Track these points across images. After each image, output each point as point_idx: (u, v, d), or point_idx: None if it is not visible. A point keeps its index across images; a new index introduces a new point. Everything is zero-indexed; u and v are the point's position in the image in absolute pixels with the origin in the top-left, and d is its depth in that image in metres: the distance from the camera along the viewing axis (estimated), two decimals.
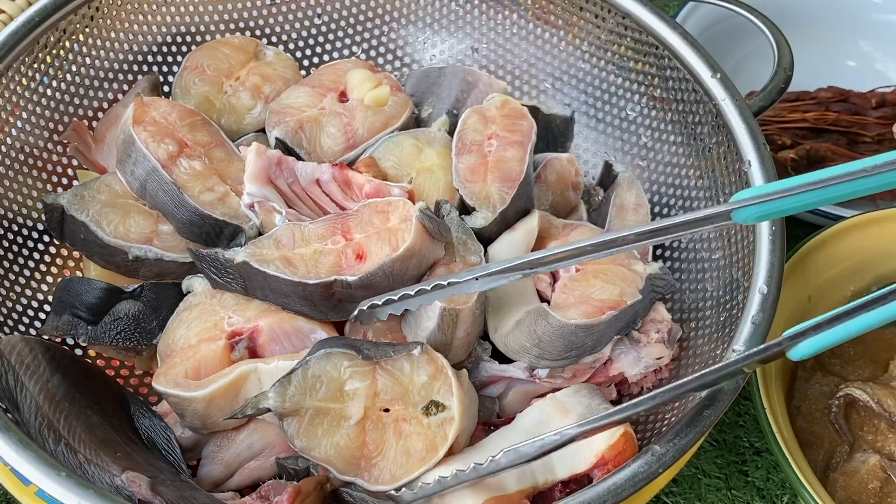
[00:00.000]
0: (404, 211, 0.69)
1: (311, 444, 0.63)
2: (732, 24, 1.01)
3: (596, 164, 0.91)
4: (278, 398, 0.63)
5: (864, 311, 0.57)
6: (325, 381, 0.64)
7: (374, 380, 0.64)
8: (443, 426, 0.63)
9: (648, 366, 0.72)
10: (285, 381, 0.63)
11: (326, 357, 0.64)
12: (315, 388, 0.63)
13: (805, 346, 0.57)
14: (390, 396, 0.64)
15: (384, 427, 0.64)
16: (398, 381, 0.65)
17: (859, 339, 0.84)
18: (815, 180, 0.58)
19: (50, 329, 0.74)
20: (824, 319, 0.57)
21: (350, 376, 0.64)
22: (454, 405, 0.64)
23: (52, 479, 0.56)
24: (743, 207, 0.59)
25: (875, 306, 0.57)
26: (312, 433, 0.63)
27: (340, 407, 0.64)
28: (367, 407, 0.64)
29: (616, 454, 0.63)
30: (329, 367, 0.64)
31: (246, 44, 0.88)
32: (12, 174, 0.79)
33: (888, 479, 0.74)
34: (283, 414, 0.63)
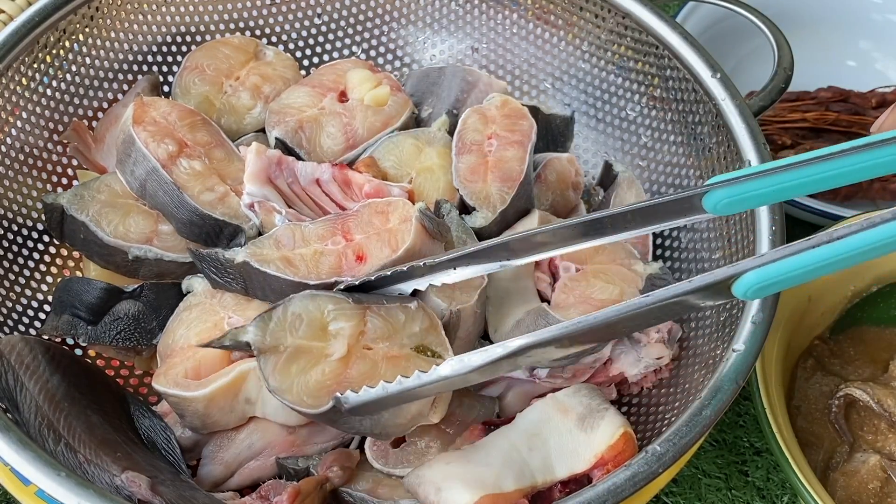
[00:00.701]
0: (404, 211, 0.69)
1: (284, 384, 0.61)
2: (732, 24, 1.01)
3: (596, 164, 0.91)
4: (258, 332, 0.61)
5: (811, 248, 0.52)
6: (307, 320, 0.62)
7: (362, 321, 0.63)
8: None
9: (648, 366, 0.72)
10: (266, 317, 0.61)
11: (311, 298, 0.63)
12: (295, 325, 0.62)
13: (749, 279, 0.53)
14: (377, 336, 0.63)
15: (374, 362, 0.63)
16: (389, 324, 0.64)
17: (859, 339, 0.84)
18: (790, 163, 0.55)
19: (50, 329, 0.74)
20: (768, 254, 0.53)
21: (334, 318, 0.63)
22: (449, 356, 0.63)
23: (52, 479, 0.56)
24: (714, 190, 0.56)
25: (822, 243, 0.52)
26: (286, 371, 0.61)
27: (322, 345, 0.62)
28: (351, 345, 0.63)
29: (616, 454, 0.63)
30: (312, 307, 0.63)
31: (246, 44, 0.88)
32: (12, 174, 0.79)
33: (888, 479, 0.74)
34: (263, 350, 0.61)
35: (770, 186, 0.56)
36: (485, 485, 0.61)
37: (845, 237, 0.52)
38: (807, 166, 0.55)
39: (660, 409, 0.72)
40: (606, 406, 0.67)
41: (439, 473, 0.62)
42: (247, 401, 0.68)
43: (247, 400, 0.68)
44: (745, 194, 0.56)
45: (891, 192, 1.00)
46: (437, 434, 0.69)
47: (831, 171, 0.55)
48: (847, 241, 0.52)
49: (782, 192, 0.57)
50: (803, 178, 0.56)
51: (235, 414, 0.68)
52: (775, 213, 0.69)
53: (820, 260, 0.52)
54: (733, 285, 0.53)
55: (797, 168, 0.55)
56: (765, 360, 0.74)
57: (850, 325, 0.84)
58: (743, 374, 0.62)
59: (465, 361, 0.56)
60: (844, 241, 0.52)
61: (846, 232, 0.52)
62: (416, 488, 0.63)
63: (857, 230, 0.52)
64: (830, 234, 0.52)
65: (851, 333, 0.84)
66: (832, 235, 0.52)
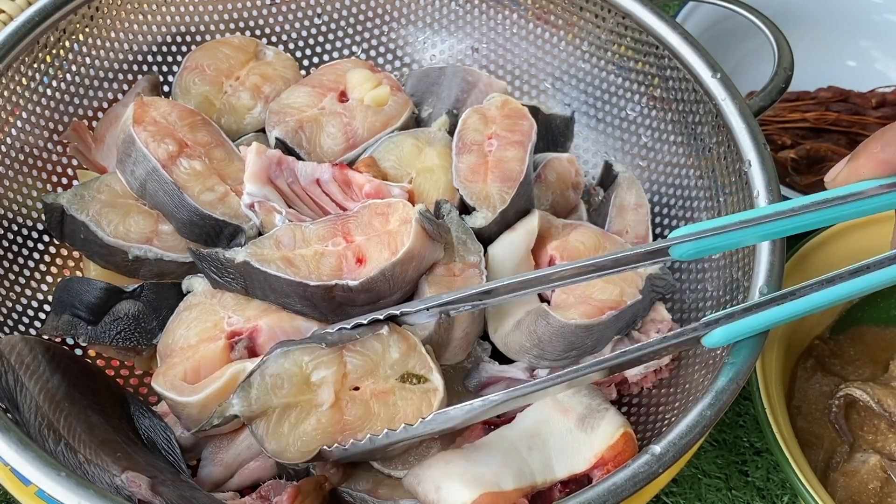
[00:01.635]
0: (404, 213, 0.69)
1: (280, 444, 0.62)
2: (732, 24, 1.01)
3: (596, 164, 0.91)
4: (243, 403, 0.61)
5: (776, 304, 0.60)
6: (287, 378, 0.62)
7: (342, 363, 0.63)
8: (427, 395, 0.63)
9: (648, 366, 0.72)
10: (246, 385, 0.62)
11: (284, 355, 0.63)
12: (278, 385, 0.62)
13: (719, 333, 0.60)
14: (360, 374, 0.63)
15: (364, 402, 0.63)
16: (368, 359, 0.64)
17: (859, 339, 0.84)
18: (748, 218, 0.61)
19: (50, 329, 0.74)
20: (738, 309, 0.60)
21: (314, 368, 0.63)
22: (436, 378, 0.63)
23: (52, 479, 0.56)
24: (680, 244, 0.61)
25: (787, 300, 0.60)
26: (278, 431, 0.62)
27: (310, 397, 0.62)
28: (338, 391, 0.63)
29: (616, 454, 0.63)
30: (287, 364, 0.62)
31: (246, 44, 0.88)
32: (12, 174, 0.79)
33: (888, 479, 0.74)
34: (251, 417, 0.62)
35: (731, 240, 0.61)
36: (484, 483, 0.61)
37: (805, 296, 0.60)
38: (765, 223, 0.61)
39: (660, 409, 0.72)
40: (606, 406, 0.67)
41: (439, 472, 0.62)
42: None
43: None
44: (707, 247, 0.62)
45: None
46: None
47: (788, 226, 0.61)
48: (805, 300, 0.60)
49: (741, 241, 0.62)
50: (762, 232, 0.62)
51: None
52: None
53: (781, 316, 0.60)
54: (703, 339, 0.60)
55: (756, 225, 0.61)
56: (765, 360, 0.74)
57: (850, 324, 0.84)
58: (743, 374, 0.62)
59: (449, 415, 0.60)
60: (802, 301, 0.60)
61: (806, 291, 0.60)
62: (416, 487, 0.63)
63: (817, 288, 0.59)
64: (793, 292, 0.60)
65: (851, 333, 0.84)
66: (794, 294, 0.60)
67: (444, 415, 0.60)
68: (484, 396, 0.59)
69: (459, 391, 0.72)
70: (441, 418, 0.60)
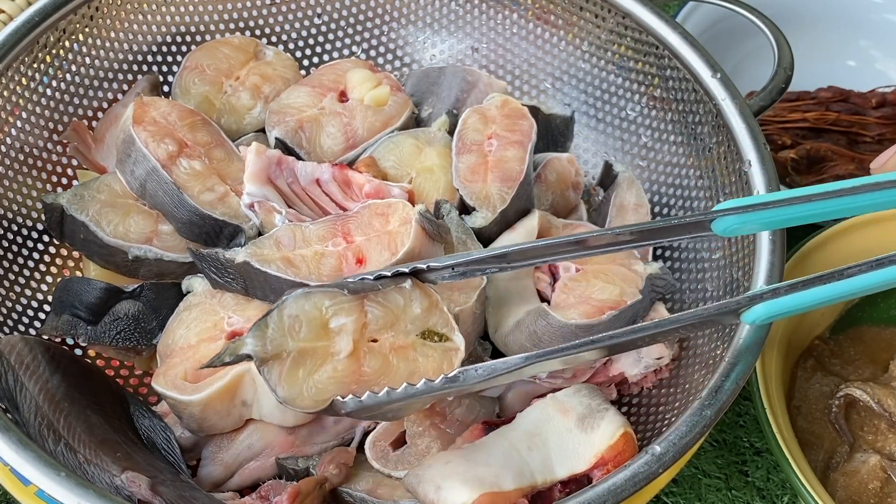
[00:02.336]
0: (404, 213, 0.69)
1: (293, 391, 0.58)
2: (732, 24, 1.01)
3: (596, 164, 0.91)
4: (257, 342, 0.58)
5: (822, 283, 0.57)
6: (306, 321, 0.59)
7: (363, 312, 0.61)
8: (448, 354, 0.61)
9: (648, 366, 0.72)
10: (262, 324, 0.58)
11: (305, 297, 0.59)
12: (295, 328, 0.59)
13: (761, 309, 0.58)
14: (379, 326, 0.61)
15: (383, 356, 0.61)
16: (389, 311, 0.61)
17: (859, 339, 0.84)
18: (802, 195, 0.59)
19: (50, 329, 0.74)
20: (784, 286, 0.58)
21: (334, 314, 0.60)
22: (458, 338, 0.61)
23: (52, 479, 0.56)
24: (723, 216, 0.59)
25: (833, 279, 0.57)
26: (293, 377, 0.58)
27: (326, 344, 0.60)
28: (356, 340, 0.60)
29: (616, 454, 0.63)
30: (308, 306, 0.59)
31: (246, 44, 0.88)
32: (12, 174, 0.79)
33: (888, 479, 0.74)
34: (265, 359, 0.58)
35: (778, 216, 0.59)
36: (484, 483, 0.60)
37: (853, 276, 0.57)
38: (817, 200, 0.59)
39: (660, 410, 0.72)
40: (607, 406, 0.67)
41: (438, 472, 0.62)
42: (243, 403, 0.68)
43: (243, 402, 0.68)
44: (753, 221, 0.60)
45: None
46: (437, 435, 0.69)
47: (839, 206, 0.59)
48: (854, 280, 0.57)
49: (789, 220, 0.60)
50: (812, 211, 0.59)
51: (232, 417, 0.68)
52: None
53: (828, 295, 0.57)
54: (744, 313, 0.58)
55: (807, 202, 0.59)
56: (765, 360, 0.74)
57: (850, 324, 0.84)
58: (743, 374, 0.62)
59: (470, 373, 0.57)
60: (852, 280, 0.57)
61: (855, 271, 0.57)
62: (416, 487, 0.63)
63: (867, 269, 0.57)
64: (841, 271, 0.57)
65: (851, 333, 0.84)
66: (842, 273, 0.57)
67: (467, 373, 0.57)
68: (505, 359, 0.57)
69: None
70: (463, 376, 0.57)
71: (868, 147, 1.03)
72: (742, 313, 0.58)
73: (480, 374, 0.57)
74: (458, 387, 0.57)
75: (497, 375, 0.57)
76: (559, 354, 0.57)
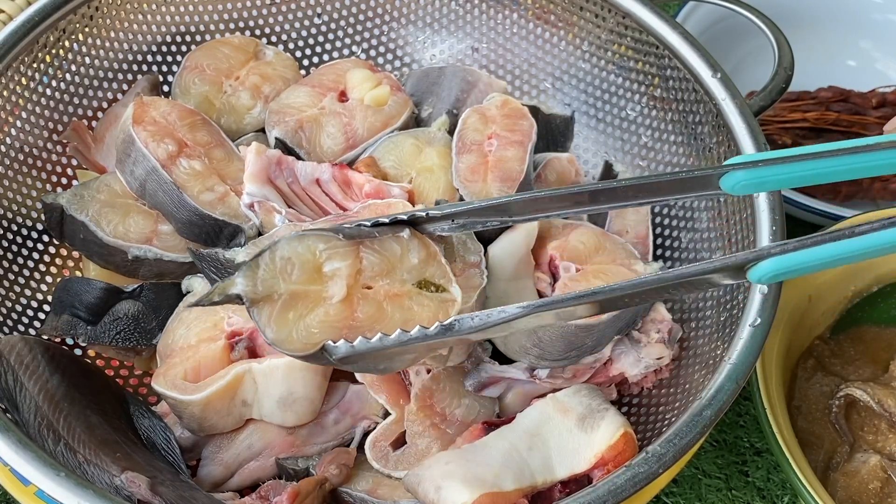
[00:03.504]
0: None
1: (283, 333, 0.57)
2: (732, 24, 1.01)
3: (596, 164, 0.91)
4: (247, 282, 0.57)
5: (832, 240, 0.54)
6: (298, 264, 0.58)
7: (358, 258, 0.60)
8: (444, 304, 0.60)
9: (649, 366, 0.72)
10: (253, 264, 0.57)
11: (298, 239, 0.58)
12: (286, 270, 0.58)
13: (768, 265, 0.54)
14: (375, 273, 0.60)
15: (378, 303, 0.59)
16: (386, 259, 0.60)
17: (859, 339, 0.84)
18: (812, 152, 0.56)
19: (49, 329, 0.74)
20: (792, 242, 0.55)
21: (328, 257, 0.59)
22: (455, 290, 0.60)
23: (52, 479, 0.56)
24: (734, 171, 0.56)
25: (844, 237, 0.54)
26: (283, 319, 0.57)
27: (319, 288, 0.59)
28: (350, 286, 0.59)
29: (616, 454, 0.63)
30: (301, 248, 0.58)
31: (246, 43, 0.88)
32: (12, 174, 0.79)
33: (888, 479, 0.74)
34: (255, 300, 0.57)
35: (789, 173, 0.57)
36: (484, 483, 0.60)
37: (865, 234, 0.54)
38: (828, 157, 0.56)
39: (660, 410, 0.72)
40: (607, 406, 0.67)
41: (438, 472, 0.62)
42: (243, 403, 0.68)
43: (243, 402, 0.68)
44: (763, 178, 0.57)
45: (891, 192, 1.00)
46: (437, 435, 0.69)
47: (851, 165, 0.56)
48: (866, 237, 0.54)
49: (801, 178, 0.57)
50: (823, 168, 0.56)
51: (232, 417, 0.68)
52: (776, 214, 0.69)
53: (838, 253, 0.54)
54: (750, 270, 0.54)
55: (818, 158, 0.56)
56: (765, 360, 0.74)
57: (850, 325, 0.84)
58: (743, 374, 0.62)
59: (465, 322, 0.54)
60: (863, 238, 0.54)
61: (867, 229, 0.54)
62: (416, 487, 0.63)
63: (879, 228, 0.54)
64: (852, 228, 0.54)
65: (852, 333, 0.84)
66: (853, 231, 0.54)
67: (462, 321, 0.54)
68: (501, 307, 0.55)
69: (460, 391, 0.72)
70: (459, 324, 0.54)
71: None
72: (749, 269, 0.54)
73: (476, 323, 0.54)
74: (453, 335, 0.55)
75: (492, 325, 0.55)
76: (556, 306, 0.55)
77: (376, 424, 0.70)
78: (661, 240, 0.83)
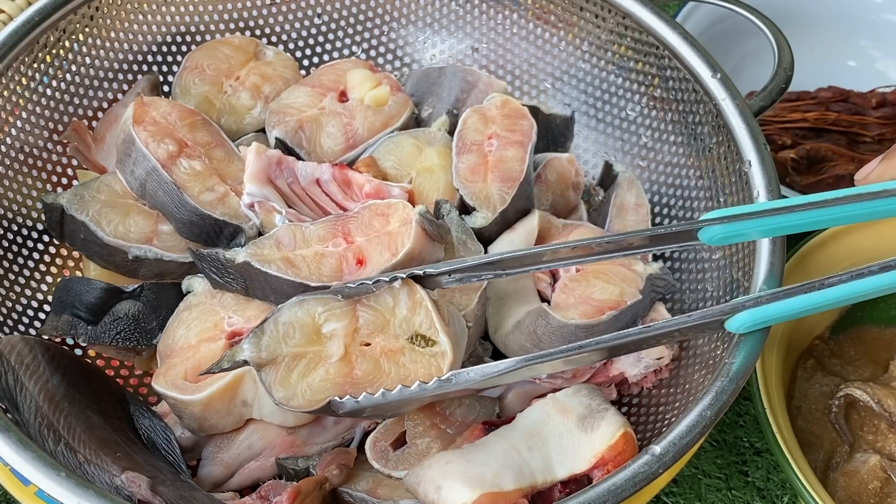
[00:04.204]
0: (404, 214, 0.69)
1: (288, 393, 0.61)
2: (732, 24, 1.01)
3: (596, 164, 0.91)
4: (254, 349, 0.61)
5: (804, 292, 0.60)
6: (299, 327, 0.62)
7: (354, 317, 0.63)
8: (435, 358, 0.62)
9: (648, 366, 0.72)
10: (258, 332, 0.61)
11: (299, 304, 0.62)
12: (289, 334, 0.61)
13: (744, 317, 0.59)
14: (371, 330, 0.63)
15: (375, 359, 0.62)
16: (381, 315, 0.63)
17: (859, 339, 0.84)
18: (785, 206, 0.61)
19: (50, 329, 0.74)
20: (766, 294, 0.60)
21: (326, 319, 0.62)
22: (443, 339, 0.62)
23: (52, 479, 0.56)
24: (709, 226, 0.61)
25: (815, 289, 0.59)
26: (287, 380, 0.61)
27: (319, 349, 0.62)
28: (347, 345, 0.62)
29: (616, 454, 0.63)
30: (301, 313, 0.62)
31: (246, 44, 0.88)
32: (12, 174, 0.79)
33: (888, 479, 0.74)
34: (261, 364, 0.61)
35: (764, 226, 0.62)
36: (484, 483, 0.61)
37: (833, 286, 0.60)
38: (802, 210, 0.61)
39: (660, 410, 0.72)
40: (606, 406, 0.67)
41: (439, 472, 0.62)
42: (243, 403, 0.68)
43: (243, 402, 0.68)
44: (738, 231, 0.62)
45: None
46: (437, 435, 0.69)
47: (825, 216, 0.61)
48: (836, 289, 0.59)
49: (775, 230, 0.62)
50: (798, 221, 0.62)
51: (232, 417, 0.68)
52: None
53: (809, 304, 0.60)
54: (727, 321, 0.60)
55: (792, 212, 0.61)
56: (765, 360, 0.74)
57: (850, 325, 0.84)
58: (743, 374, 0.62)
59: (462, 377, 0.59)
60: (833, 290, 0.59)
61: (836, 281, 0.60)
62: (416, 487, 0.63)
63: (847, 279, 0.59)
64: (822, 281, 0.60)
65: (851, 333, 0.84)
66: (823, 283, 0.60)
67: (458, 376, 0.59)
68: (497, 363, 0.59)
69: None
70: (455, 379, 0.59)
71: (868, 147, 1.03)
72: (725, 321, 0.60)
73: (472, 378, 0.59)
74: (451, 388, 0.59)
75: (488, 378, 0.59)
76: (547, 359, 0.59)
77: (376, 424, 0.70)
78: None
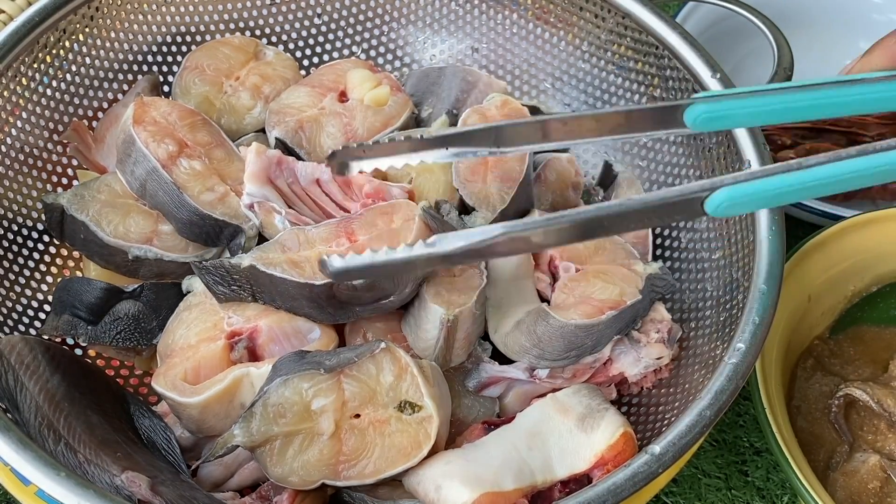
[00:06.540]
0: (407, 211, 0.69)
1: (285, 471, 0.62)
2: (732, 24, 1.01)
3: (596, 164, 0.91)
4: (244, 434, 0.62)
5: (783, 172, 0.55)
6: (289, 407, 0.62)
7: (341, 390, 0.63)
8: (422, 424, 0.63)
9: (648, 366, 0.72)
10: (248, 416, 0.62)
11: (284, 384, 0.63)
12: (280, 414, 0.62)
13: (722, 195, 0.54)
14: (359, 402, 0.64)
15: (362, 432, 0.63)
16: (366, 385, 0.64)
17: (859, 339, 0.84)
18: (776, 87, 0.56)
19: (50, 329, 0.74)
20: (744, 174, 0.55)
21: (314, 395, 0.63)
22: (428, 403, 0.63)
23: (52, 479, 0.56)
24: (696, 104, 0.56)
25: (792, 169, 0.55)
26: (282, 458, 0.62)
27: (310, 426, 0.63)
28: (338, 419, 0.63)
29: (616, 454, 0.63)
30: (288, 392, 0.63)
31: (246, 44, 0.88)
32: (12, 174, 0.79)
33: (888, 479, 0.74)
34: (255, 446, 0.62)
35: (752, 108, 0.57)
36: (484, 483, 0.61)
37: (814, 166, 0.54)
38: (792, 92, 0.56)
39: (660, 409, 0.72)
40: (606, 406, 0.67)
41: (439, 472, 0.62)
42: (242, 406, 0.67)
43: (242, 405, 0.67)
44: (723, 113, 0.57)
45: (891, 192, 1.00)
46: None
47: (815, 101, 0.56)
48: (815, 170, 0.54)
49: (764, 116, 0.57)
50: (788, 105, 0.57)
51: (231, 419, 0.68)
52: (775, 214, 0.69)
53: (790, 185, 0.54)
54: (707, 200, 0.54)
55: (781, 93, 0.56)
56: (765, 360, 0.74)
57: (850, 324, 0.84)
58: (743, 374, 0.62)
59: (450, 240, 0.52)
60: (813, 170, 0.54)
61: (815, 162, 0.54)
62: (416, 487, 0.63)
63: (826, 161, 0.54)
64: (801, 162, 0.55)
65: (851, 333, 0.84)
66: (801, 164, 0.54)
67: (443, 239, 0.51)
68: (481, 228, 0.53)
69: (460, 391, 0.72)
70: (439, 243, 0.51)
71: None
72: (705, 200, 0.54)
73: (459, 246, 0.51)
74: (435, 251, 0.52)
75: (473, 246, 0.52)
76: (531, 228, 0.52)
77: None
78: (661, 240, 0.83)
